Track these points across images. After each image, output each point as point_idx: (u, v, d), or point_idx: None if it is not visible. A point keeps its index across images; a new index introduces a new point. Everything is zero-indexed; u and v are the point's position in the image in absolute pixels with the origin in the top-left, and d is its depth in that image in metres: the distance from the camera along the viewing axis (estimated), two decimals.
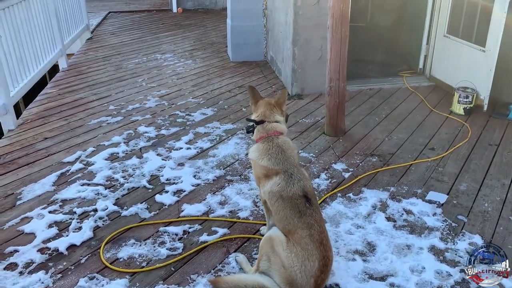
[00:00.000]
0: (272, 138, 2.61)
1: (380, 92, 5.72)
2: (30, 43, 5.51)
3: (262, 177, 2.57)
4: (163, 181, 3.71)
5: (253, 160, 2.65)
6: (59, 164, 3.97)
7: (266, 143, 2.61)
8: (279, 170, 2.50)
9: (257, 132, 2.68)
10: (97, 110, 5.20)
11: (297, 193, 2.43)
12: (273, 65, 6.71)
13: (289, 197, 2.42)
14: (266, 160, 2.56)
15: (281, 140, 2.62)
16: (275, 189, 2.47)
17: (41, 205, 3.36)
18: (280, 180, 2.47)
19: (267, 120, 2.68)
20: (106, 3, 12.96)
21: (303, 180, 2.49)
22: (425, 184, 3.66)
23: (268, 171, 2.53)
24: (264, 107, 2.73)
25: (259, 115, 2.71)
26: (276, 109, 2.74)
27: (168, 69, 6.79)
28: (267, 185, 2.52)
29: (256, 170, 2.66)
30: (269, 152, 2.57)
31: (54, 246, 2.91)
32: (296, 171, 2.51)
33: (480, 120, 4.82)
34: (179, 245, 2.95)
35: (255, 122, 2.71)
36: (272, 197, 2.49)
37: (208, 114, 5.11)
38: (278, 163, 2.53)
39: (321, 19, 5.05)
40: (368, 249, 2.92)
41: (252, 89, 2.82)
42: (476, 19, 5.17)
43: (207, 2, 12.01)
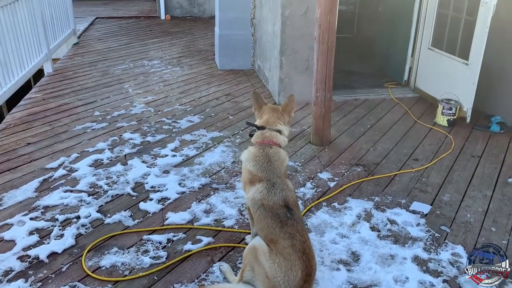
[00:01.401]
0: (264, 146, 2.60)
1: (365, 102, 5.78)
2: (15, 47, 5.44)
3: (247, 182, 2.58)
4: (148, 189, 3.68)
5: (242, 161, 2.66)
6: (42, 170, 3.91)
7: (258, 149, 2.61)
8: (262, 177, 2.51)
9: (255, 137, 2.68)
10: (82, 116, 5.14)
11: (278, 203, 2.43)
12: (261, 74, 6.74)
13: (270, 206, 2.42)
14: (251, 165, 2.56)
15: (272, 151, 2.60)
16: (257, 197, 2.47)
17: (22, 212, 3.30)
18: (262, 188, 2.48)
19: (268, 127, 2.66)
20: (94, 8, 12.89)
21: (286, 191, 2.49)
22: (409, 195, 3.69)
23: (253, 176, 2.54)
24: (269, 114, 2.71)
25: (263, 121, 2.69)
26: (282, 117, 2.72)
27: (155, 76, 6.77)
28: (250, 191, 2.53)
29: (244, 173, 2.66)
30: (256, 158, 2.57)
31: (35, 254, 2.86)
32: (280, 181, 2.51)
33: (463, 132, 4.90)
34: (163, 253, 2.92)
35: (256, 127, 2.69)
36: (254, 205, 2.49)
37: (194, 121, 5.09)
38: (262, 170, 2.53)
39: (308, 29, 5.10)
40: (352, 258, 2.93)
41: (256, 95, 2.81)
42: (459, 33, 5.28)
43: (195, 10, 12.04)
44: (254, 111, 2.84)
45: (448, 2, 5.43)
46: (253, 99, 2.83)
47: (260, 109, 2.77)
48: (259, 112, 2.77)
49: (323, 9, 4.11)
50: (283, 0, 5.19)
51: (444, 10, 5.50)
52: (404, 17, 6.03)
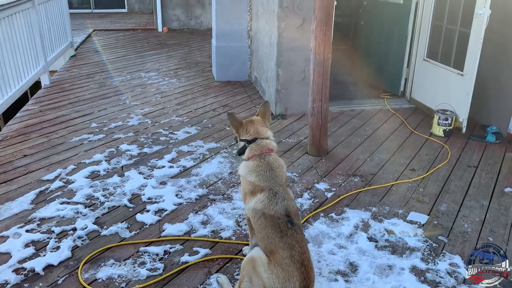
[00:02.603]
0: (264, 156, 2.60)
1: (361, 113, 5.81)
2: (12, 60, 5.46)
3: (248, 193, 2.57)
4: (145, 200, 3.67)
5: (242, 176, 2.65)
6: (38, 182, 3.90)
7: (258, 160, 2.59)
8: (265, 187, 2.50)
9: (250, 151, 2.64)
10: (79, 128, 5.14)
11: (279, 212, 2.42)
12: (257, 85, 6.77)
13: (271, 216, 2.42)
14: (254, 176, 2.55)
15: (272, 158, 2.61)
16: (258, 207, 2.46)
17: (18, 224, 3.28)
18: (264, 197, 2.47)
19: (260, 137, 2.66)
20: (91, 21, 12.97)
21: (287, 200, 2.49)
22: (406, 205, 3.70)
23: (255, 187, 2.53)
24: (254, 125, 2.70)
25: (252, 134, 2.67)
26: (265, 124, 2.75)
27: (152, 88, 6.79)
28: (251, 202, 2.52)
29: (243, 186, 2.65)
30: (258, 169, 2.56)
31: (30, 266, 2.83)
32: (282, 190, 2.51)
33: (459, 142, 4.93)
34: (160, 265, 2.90)
35: (247, 142, 2.67)
36: (255, 215, 2.48)
37: (191, 132, 5.10)
38: (265, 180, 2.52)
39: (304, 41, 5.14)
40: (350, 269, 2.91)
41: (231, 115, 2.74)
42: (454, 44, 5.34)
43: (192, 23, 12.13)
44: (235, 131, 2.75)
45: (442, 14, 5.50)
46: (231, 120, 2.74)
47: (242, 125, 2.72)
48: (243, 128, 2.71)
49: (319, 21, 4.15)
50: (280, 13, 5.24)
51: (438, 22, 5.57)
52: (400, 29, 6.09)
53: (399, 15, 6.05)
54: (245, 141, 2.69)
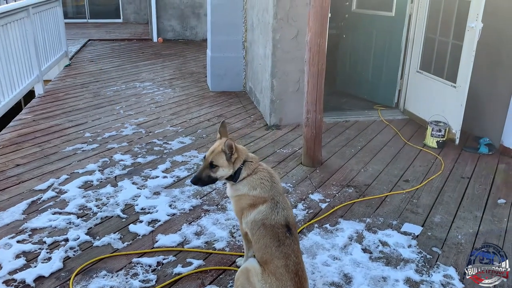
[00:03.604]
0: (261, 166, 2.58)
1: (355, 124, 5.84)
2: (6, 68, 5.44)
3: (247, 208, 2.50)
4: (138, 211, 3.64)
5: (242, 194, 2.52)
6: (31, 192, 3.86)
7: (260, 172, 2.53)
8: (267, 197, 2.47)
9: (249, 168, 2.53)
10: (73, 137, 5.11)
11: (279, 222, 2.41)
12: (252, 95, 6.79)
13: (272, 226, 2.40)
14: (258, 190, 2.48)
15: (265, 166, 2.61)
16: (258, 218, 2.44)
17: (9, 234, 3.24)
18: (266, 208, 2.44)
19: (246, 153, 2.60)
20: (86, 30, 12.99)
21: (287, 209, 2.48)
22: (400, 216, 3.70)
23: (256, 200, 2.48)
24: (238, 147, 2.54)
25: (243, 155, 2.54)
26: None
27: (147, 97, 6.78)
28: (250, 215, 2.47)
29: (241, 202, 2.55)
30: (262, 181, 2.51)
31: (21, 278, 2.79)
32: (281, 199, 2.50)
33: (452, 153, 4.95)
34: (153, 277, 2.87)
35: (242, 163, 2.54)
36: (254, 226, 2.45)
37: (186, 142, 5.09)
38: (269, 190, 2.49)
39: (299, 52, 5.18)
40: (344, 281, 2.90)
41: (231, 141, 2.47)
42: (447, 56, 5.40)
43: (187, 33, 12.17)
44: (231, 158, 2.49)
45: (435, 26, 5.56)
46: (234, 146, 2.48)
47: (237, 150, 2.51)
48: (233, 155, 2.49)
49: (313, 33, 4.19)
50: (274, 24, 5.28)
51: (431, 34, 5.63)
52: (392, 41, 6.14)
53: (392, 27, 6.11)
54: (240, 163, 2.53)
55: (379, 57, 6.40)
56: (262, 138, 5.28)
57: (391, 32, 6.14)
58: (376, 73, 6.51)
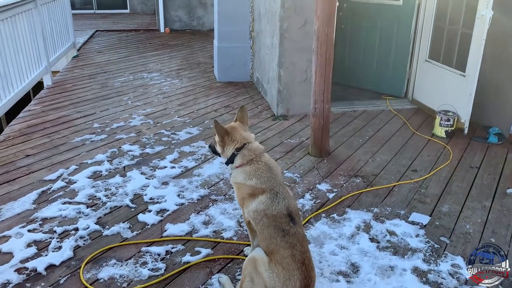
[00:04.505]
0: (259, 158, 2.59)
1: (363, 114, 5.81)
2: (14, 60, 5.47)
3: (247, 197, 2.54)
4: (147, 200, 3.67)
5: (239, 182, 2.58)
6: (41, 182, 3.91)
7: (255, 163, 2.56)
8: (266, 188, 2.49)
9: (243, 157, 2.58)
10: (81, 128, 5.15)
11: (281, 212, 2.42)
12: (259, 86, 6.78)
13: (274, 216, 2.41)
14: (254, 180, 2.52)
15: (267, 158, 2.62)
16: (260, 208, 2.46)
17: (20, 224, 3.29)
18: (266, 198, 2.46)
19: (248, 141, 2.63)
20: (93, 21, 13.00)
21: (288, 199, 2.49)
22: (408, 205, 3.69)
23: (254, 190, 2.51)
24: (238, 131, 2.64)
25: (239, 141, 2.61)
26: (247, 128, 2.71)
27: (154, 88, 6.80)
28: (252, 204, 2.50)
29: (240, 191, 2.61)
30: (257, 172, 2.53)
31: (32, 266, 2.84)
32: (282, 189, 2.51)
33: (461, 143, 4.92)
34: (162, 265, 2.90)
35: (236, 149, 2.60)
36: (256, 216, 2.47)
37: (193, 133, 5.10)
38: (266, 181, 2.51)
39: (306, 42, 5.15)
40: (352, 270, 2.91)
41: (217, 123, 2.61)
42: (456, 45, 5.33)
43: (194, 23, 12.14)
44: (219, 139, 2.64)
45: (444, 15, 5.49)
46: (217, 129, 2.60)
47: (227, 134, 2.62)
48: (228, 136, 2.62)
49: (321, 22, 4.16)
50: (281, 13, 5.24)
51: (440, 23, 5.56)
52: (400, 31, 6.08)
53: (399, 16, 6.03)
54: (233, 149, 2.61)
55: (385, 47, 6.31)
56: (269, 129, 5.28)
57: (399, 21, 6.07)
58: (382, 63, 6.42)
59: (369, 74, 6.60)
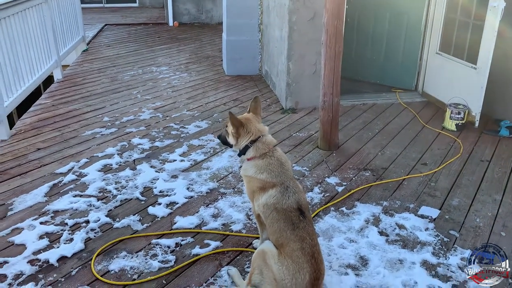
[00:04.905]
0: (272, 152, 2.58)
1: (373, 107, 5.77)
2: (25, 54, 5.51)
3: (257, 190, 2.55)
4: (156, 193, 3.70)
5: (250, 176, 2.58)
6: (52, 175, 3.95)
7: (268, 157, 2.55)
8: (276, 182, 2.49)
9: (257, 150, 2.57)
10: (91, 122, 5.19)
11: (291, 206, 2.42)
12: (268, 79, 6.76)
13: (284, 210, 2.42)
14: (265, 174, 2.51)
15: (279, 153, 2.61)
16: (270, 202, 2.46)
17: (32, 216, 3.34)
18: (276, 192, 2.46)
19: (262, 134, 2.62)
20: (103, 15, 13.03)
21: (298, 193, 2.49)
22: (417, 199, 3.68)
23: (265, 184, 2.51)
24: (254, 123, 2.64)
25: (254, 133, 2.60)
26: (260, 119, 2.71)
27: (163, 82, 6.82)
28: (262, 198, 2.51)
29: (251, 184, 2.61)
30: (269, 167, 2.52)
31: (45, 258, 2.88)
32: (292, 183, 2.51)
33: (471, 136, 4.87)
34: (171, 257, 2.93)
35: (251, 141, 2.60)
36: (266, 210, 2.48)
37: (202, 126, 5.12)
38: (277, 176, 2.51)
39: (315, 35, 5.12)
40: (360, 263, 2.92)
41: (231, 114, 2.59)
42: (467, 37, 5.27)
43: (203, 17, 12.12)
44: (234, 130, 2.61)
45: (455, 6, 5.42)
46: (232, 120, 2.58)
47: (243, 125, 2.60)
48: (243, 128, 2.59)
49: (330, 14, 4.13)
50: (291, 6, 5.22)
51: (452, 14, 5.50)
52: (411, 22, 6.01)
53: (410, 8, 5.95)
54: (247, 141, 2.60)
55: (395, 40, 6.23)
56: (278, 122, 5.28)
57: (409, 13, 6.00)
58: (391, 56, 6.34)
59: (377, 67, 6.53)
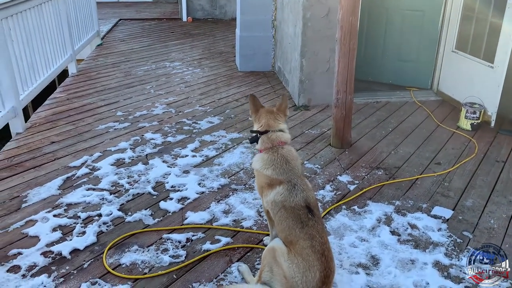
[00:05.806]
0: (277, 149, 2.60)
1: (387, 105, 5.72)
2: (41, 48, 5.58)
3: (265, 186, 2.56)
4: (168, 188, 3.72)
5: (257, 170, 2.64)
6: (65, 168, 4.00)
7: (271, 153, 2.59)
8: (283, 180, 2.50)
9: (262, 143, 2.65)
10: (105, 116, 5.23)
11: (299, 204, 2.42)
12: (281, 75, 6.74)
13: (292, 207, 2.42)
14: (270, 170, 2.54)
15: (285, 150, 2.61)
16: (278, 199, 2.46)
17: (46, 209, 3.38)
18: (283, 190, 2.47)
19: (272, 130, 2.65)
20: (117, 10, 13.11)
21: (306, 191, 2.48)
22: (430, 199, 3.64)
23: (272, 180, 2.53)
24: (266, 116, 2.68)
25: (263, 125, 2.67)
26: (279, 117, 2.71)
27: (176, 77, 6.84)
28: (270, 195, 2.52)
29: (259, 180, 2.64)
30: (273, 163, 2.55)
31: (58, 250, 2.92)
32: (300, 181, 2.51)
33: (487, 136, 4.80)
34: (182, 252, 2.94)
35: (258, 133, 2.68)
36: (274, 207, 2.48)
37: (214, 122, 5.13)
38: (282, 173, 2.52)
39: (329, 31, 5.08)
40: (371, 262, 2.90)
41: (253, 98, 2.75)
42: (484, 35, 5.18)
43: (216, 12, 12.11)
44: (251, 115, 2.79)
45: (473, 4, 5.33)
46: (250, 103, 2.75)
47: (257, 112, 2.73)
48: (256, 116, 2.72)
49: (345, 11, 4.09)
50: (305, 2, 5.18)
51: (469, 12, 5.41)
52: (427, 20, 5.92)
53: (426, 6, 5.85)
54: (257, 132, 2.68)
55: (410, 38, 6.11)
56: (291, 119, 5.26)
57: (425, 11, 5.91)
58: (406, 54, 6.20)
59: (390, 66, 6.37)
